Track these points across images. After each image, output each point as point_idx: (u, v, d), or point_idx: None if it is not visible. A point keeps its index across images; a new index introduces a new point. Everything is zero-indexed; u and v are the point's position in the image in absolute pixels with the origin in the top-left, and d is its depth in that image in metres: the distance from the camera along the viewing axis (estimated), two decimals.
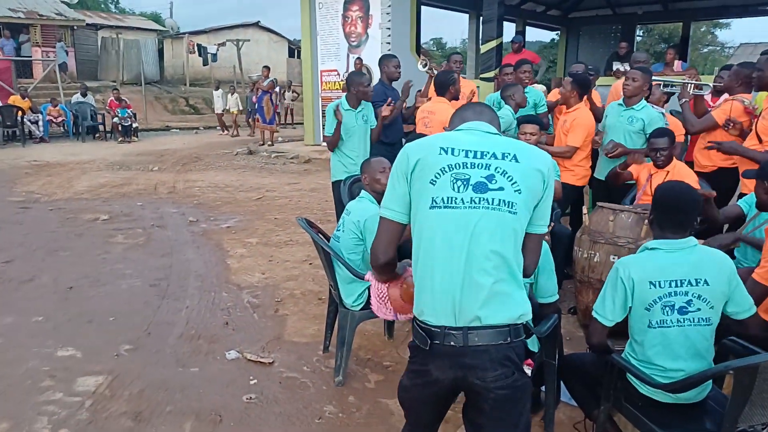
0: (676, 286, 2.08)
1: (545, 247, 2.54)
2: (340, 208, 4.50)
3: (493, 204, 1.61)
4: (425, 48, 21.23)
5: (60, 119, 14.30)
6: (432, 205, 1.63)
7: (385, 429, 2.68)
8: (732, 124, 3.82)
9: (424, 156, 1.66)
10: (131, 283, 4.49)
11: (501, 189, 1.62)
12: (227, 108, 15.61)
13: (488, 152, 1.66)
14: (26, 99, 13.69)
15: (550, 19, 15.43)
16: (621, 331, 2.26)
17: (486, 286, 1.58)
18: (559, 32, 16.14)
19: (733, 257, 3.26)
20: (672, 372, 2.08)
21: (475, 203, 1.61)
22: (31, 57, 18.70)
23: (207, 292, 4.33)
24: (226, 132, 15.80)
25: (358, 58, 11.12)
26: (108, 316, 3.84)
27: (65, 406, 2.77)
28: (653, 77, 4.70)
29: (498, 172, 1.64)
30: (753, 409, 1.90)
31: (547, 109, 5.45)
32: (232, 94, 15.47)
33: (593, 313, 2.24)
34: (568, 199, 4.55)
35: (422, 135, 3.83)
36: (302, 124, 13.34)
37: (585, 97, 4.68)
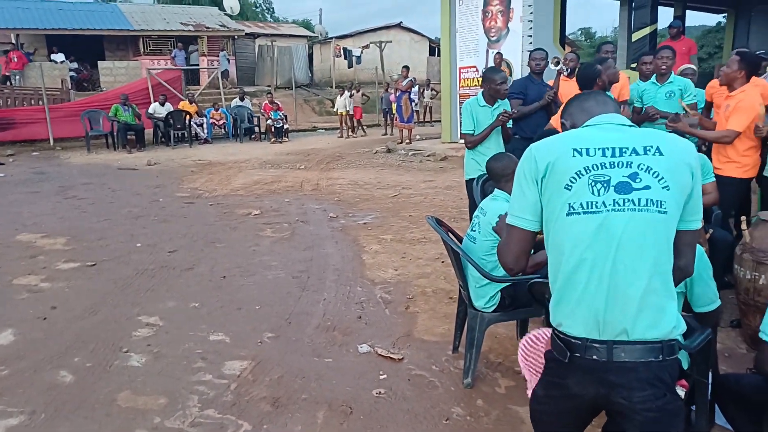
0: None
1: (701, 251, 2.27)
2: (473, 206, 4.43)
3: (640, 205, 1.46)
4: (571, 39, 20.18)
5: (221, 122, 15.82)
6: (569, 211, 1.51)
7: None
8: None
9: (556, 159, 1.54)
10: (276, 275, 4.80)
11: (647, 187, 1.47)
12: (343, 109, 15.53)
13: (628, 148, 1.51)
14: (193, 104, 15.33)
15: (714, 2, 13.81)
16: None
17: (635, 297, 1.44)
18: (726, 15, 14.38)
19: None
20: None
21: (620, 205, 1.47)
22: (198, 66, 20.90)
23: (343, 286, 4.50)
24: (340, 135, 15.68)
25: (498, 52, 10.86)
26: (255, 305, 4.15)
27: (214, 387, 3.03)
28: None
29: (642, 169, 1.49)
30: None
31: (696, 101, 4.88)
32: (341, 95, 15.55)
33: (761, 335, 1.96)
34: (732, 197, 4.00)
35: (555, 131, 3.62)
36: (440, 122, 13.37)
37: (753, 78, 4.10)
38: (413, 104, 13.93)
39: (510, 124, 4.86)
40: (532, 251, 1.74)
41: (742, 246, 3.36)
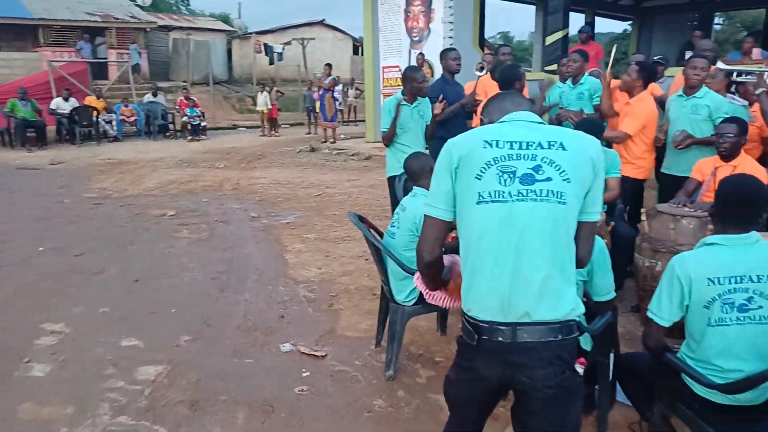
0: (736, 282, 1.97)
1: (601, 243, 2.43)
2: (394, 203, 4.49)
3: (541, 195, 1.55)
4: (490, 42, 20.86)
5: (132, 119, 15.03)
6: (479, 200, 1.58)
7: (434, 424, 2.63)
8: None
9: (468, 151, 1.62)
10: (193, 277, 4.64)
11: (549, 179, 1.56)
12: (264, 107, 15.21)
13: (534, 142, 1.60)
14: (101, 99, 14.49)
15: (621, 9, 14.75)
16: (677, 329, 2.14)
17: (536, 281, 1.53)
18: (631, 22, 15.40)
19: None
20: (730, 372, 1.97)
21: (523, 195, 1.56)
22: (106, 59, 19.78)
23: (265, 286, 4.42)
24: (261, 134, 15.36)
25: (420, 53, 11.05)
26: (170, 308, 3.99)
27: (126, 394, 2.89)
28: (727, 66, 4.42)
29: (545, 162, 1.58)
30: None
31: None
32: (262, 92, 15.19)
33: (648, 314, 2.14)
34: (628, 194, 4.31)
35: None
36: (364, 121, 13.43)
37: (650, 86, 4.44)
38: (337, 103, 13.89)
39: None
40: None
41: (641, 236, 3.61)
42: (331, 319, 3.83)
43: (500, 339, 1.54)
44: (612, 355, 2.65)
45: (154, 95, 15.57)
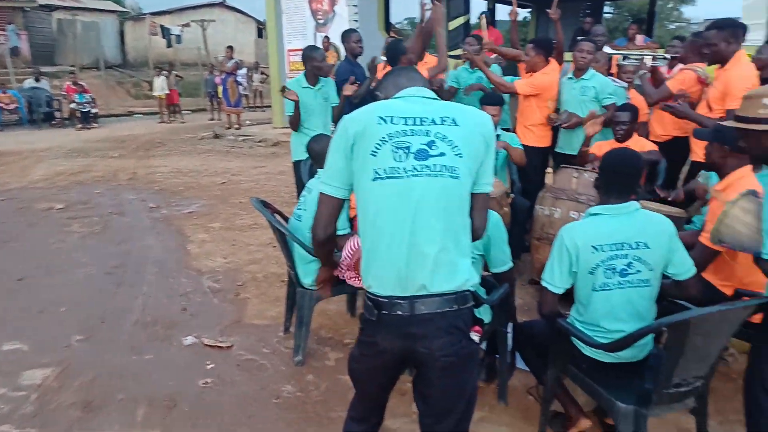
0: (618, 249, 2.11)
1: (496, 217, 2.53)
2: (301, 188, 4.41)
3: (434, 170, 1.57)
4: (398, 28, 20.97)
5: (12, 106, 13.72)
6: (375, 176, 1.58)
7: (343, 405, 2.59)
8: (682, 96, 3.83)
9: (363, 127, 1.61)
10: (86, 272, 4.34)
11: (442, 154, 1.59)
12: (162, 92, 14.50)
13: (427, 118, 1.62)
14: None
15: None
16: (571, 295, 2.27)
17: (431, 254, 1.56)
18: (531, 10, 16.02)
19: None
20: (614, 333, 2.11)
21: (417, 171, 1.57)
22: None
23: (165, 278, 4.21)
24: (160, 120, 14.66)
25: (326, 36, 10.90)
26: (60, 306, 3.71)
27: (9, 401, 2.66)
28: (614, 51, 4.71)
29: (438, 137, 1.60)
30: (687, 364, 1.93)
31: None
32: (158, 76, 14.45)
33: (542, 282, 2.25)
34: (532, 162, 4.51)
35: None
36: (271, 106, 13.10)
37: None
38: (241, 88, 13.43)
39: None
40: None
41: (545, 188, 3.79)
42: (238, 308, 3.72)
43: (399, 312, 1.56)
44: (510, 325, 2.78)
45: (37, 80, 14.31)
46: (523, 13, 20.61)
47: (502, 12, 14.79)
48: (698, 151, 3.32)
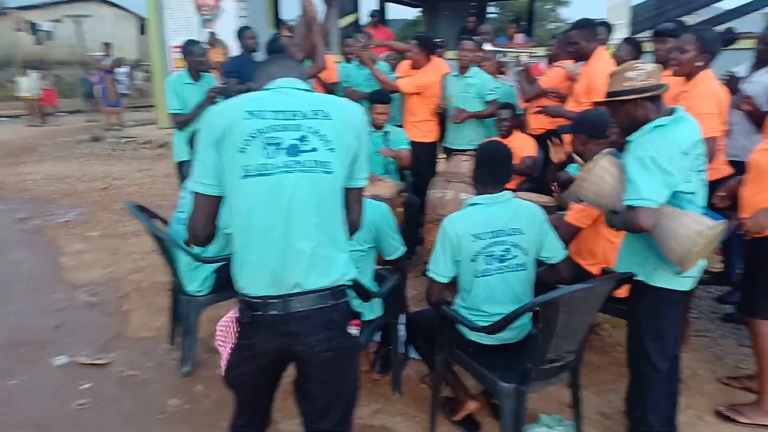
0: (496, 236, 2.21)
1: (384, 207, 2.55)
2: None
3: (307, 166, 1.54)
4: (290, 24, 20.66)
5: None
6: (244, 174, 1.52)
7: None
8: (550, 93, 4.10)
9: (231, 122, 1.54)
10: None
11: (314, 149, 1.55)
12: (31, 92, 13.37)
13: (299, 111, 1.58)
14: None
15: None
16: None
17: (306, 251, 1.53)
18: (421, 9, 16.41)
19: None
20: (494, 316, 2.20)
21: (290, 167, 1.53)
22: None
23: (37, 295, 3.86)
24: (30, 124, 13.47)
25: (212, 32, 10.50)
26: None
27: None
28: (494, 48, 4.93)
29: (310, 131, 1.56)
30: (559, 340, 2.06)
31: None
32: (26, 76, 13.33)
33: (429, 273, 2.30)
34: (420, 158, 4.60)
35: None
36: (155, 105, 12.40)
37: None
38: (122, 86, 12.63)
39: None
40: None
41: (437, 174, 3.90)
42: (119, 321, 3.48)
43: (274, 312, 1.53)
44: (403, 316, 2.82)
45: None
46: (415, 12, 21.16)
47: (393, 11, 15.05)
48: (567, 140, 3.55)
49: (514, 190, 2.38)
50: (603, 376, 2.87)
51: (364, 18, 9.79)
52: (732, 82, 3.47)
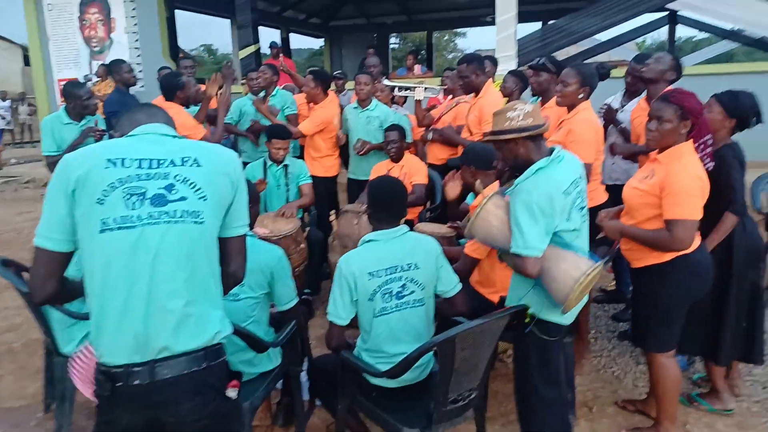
0: (392, 273, 2.16)
1: (279, 251, 2.43)
2: None
3: (176, 216, 1.42)
4: (192, 54, 20.10)
5: None
6: (103, 228, 1.37)
7: None
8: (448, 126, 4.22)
9: (87, 171, 1.39)
10: None
11: (183, 198, 1.44)
12: None
13: (165, 159, 1.46)
14: None
15: (313, 27, 15.71)
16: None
17: (175, 310, 1.40)
18: (324, 40, 16.56)
19: None
20: (396, 356, 2.13)
21: (155, 218, 1.40)
22: None
23: None
24: None
25: (102, 64, 9.95)
26: None
27: None
28: (391, 82, 5.00)
29: (178, 180, 1.45)
30: (459, 378, 2.02)
31: (296, 113, 5.38)
32: None
33: (328, 317, 2.21)
34: (322, 193, 4.53)
35: None
36: (40, 141, 11.51)
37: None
38: (3, 121, 11.64)
39: None
40: None
41: (333, 235, 3.80)
42: None
43: (138, 382, 1.37)
44: (305, 362, 2.68)
45: None
46: (320, 43, 21.34)
47: (296, 41, 15.05)
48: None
49: (409, 222, 2.36)
50: (510, 405, 2.86)
51: (264, 48, 9.67)
52: (609, 113, 3.70)
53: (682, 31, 15.10)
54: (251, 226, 2.67)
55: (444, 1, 13.81)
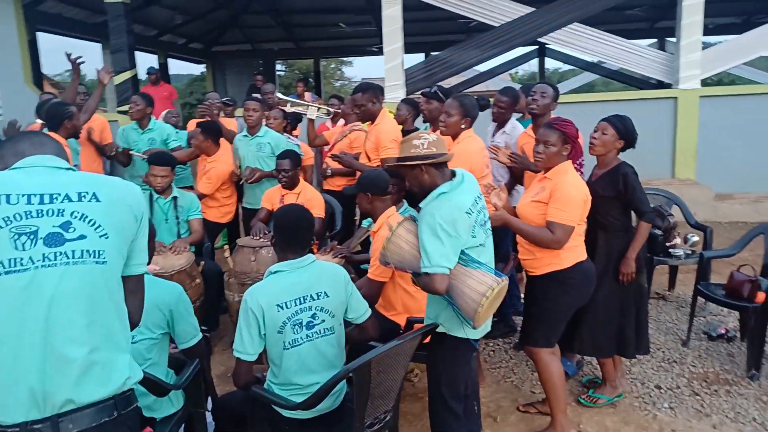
0: (301, 303, 2.13)
1: (179, 288, 2.32)
2: None
3: (74, 257, 1.31)
4: (56, 80, 18.63)
5: None
6: None
7: None
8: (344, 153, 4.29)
9: None
10: None
11: (83, 237, 1.33)
12: None
13: (59, 194, 1.34)
14: None
15: (194, 52, 15.24)
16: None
17: (78, 358, 1.29)
18: (206, 65, 16.10)
19: None
20: (309, 387, 2.11)
21: (50, 260, 1.29)
22: None
23: None
24: None
25: None
26: None
27: None
28: (284, 96, 5.01)
29: (75, 217, 1.34)
30: (375, 402, 2.05)
31: (181, 144, 5.19)
32: None
33: (234, 353, 2.14)
34: (214, 232, 4.44)
35: None
36: None
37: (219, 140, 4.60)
38: None
39: None
40: None
41: (229, 272, 3.66)
42: None
43: None
44: (210, 402, 2.55)
45: None
46: (201, 68, 20.74)
47: (176, 66, 14.52)
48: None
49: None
50: (420, 423, 2.92)
51: (141, 73, 9.27)
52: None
53: (550, 63, 16.59)
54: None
55: (331, 30, 14.08)
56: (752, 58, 7.69)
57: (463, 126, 3.28)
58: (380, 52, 7.50)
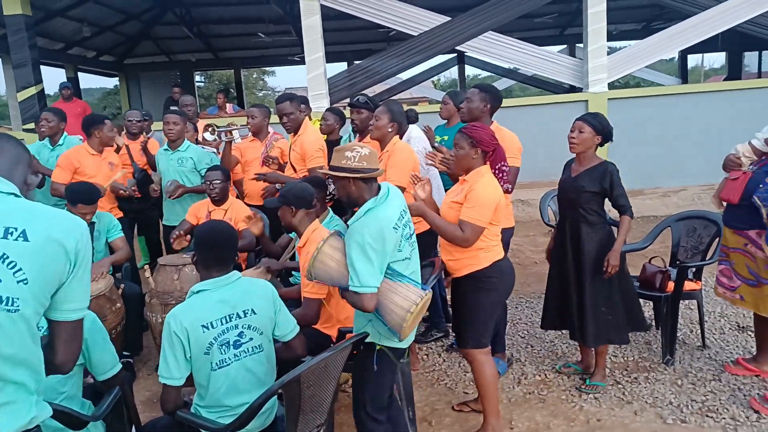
0: (227, 322, 2.07)
1: (92, 316, 2.18)
2: None
3: None
4: None
5: None
6: None
7: None
8: (270, 161, 4.18)
9: None
10: None
11: None
12: None
13: None
14: None
15: (105, 65, 14.52)
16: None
17: None
18: (119, 78, 15.39)
19: None
20: (238, 408, 2.04)
21: None
22: None
23: None
24: None
25: None
26: None
27: None
28: (206, 119, 4.85)
29: None
30: (306, 416, 2.01)
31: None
32: None
33: (160, 379, 2.04)
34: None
35: None
36: None
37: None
38: None
39: None
40: None
41: (150, 293, 3.49)
42: None
43: None
44: (134, 430, 2.41)
45: None
46: (114, 81, 19.82)
47: (86, 80, 13.80)
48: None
49: (238, 266, 2.28)
50: None
51: (51, 89, 8.72)
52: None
53: (470, 70, 17.09)
54: None
55: (250, 40, 13.83)
56: (653, 62, 8.26)
57: (390, 130, 3.38)
58: (302, 61, 7.44)
